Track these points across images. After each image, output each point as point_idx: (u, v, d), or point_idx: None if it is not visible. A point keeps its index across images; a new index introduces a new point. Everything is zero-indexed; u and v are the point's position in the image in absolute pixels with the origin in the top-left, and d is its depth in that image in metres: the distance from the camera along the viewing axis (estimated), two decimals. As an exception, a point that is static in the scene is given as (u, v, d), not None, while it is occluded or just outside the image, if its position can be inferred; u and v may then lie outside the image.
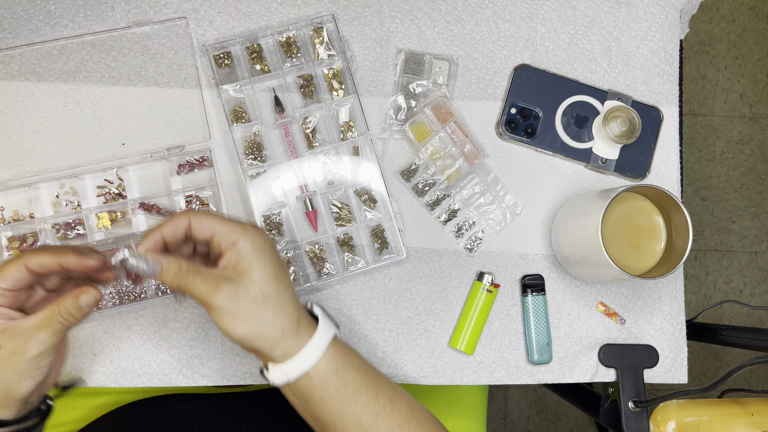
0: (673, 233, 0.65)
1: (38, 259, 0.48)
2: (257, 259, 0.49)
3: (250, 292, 0.49)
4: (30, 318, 0.49)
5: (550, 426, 1.53)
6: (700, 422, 0.68)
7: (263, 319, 0.49)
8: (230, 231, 0.50)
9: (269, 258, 0.50)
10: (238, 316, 0.48)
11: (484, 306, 0.68)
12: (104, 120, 0.67)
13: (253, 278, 0.49)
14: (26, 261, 0.48)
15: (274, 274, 0.50)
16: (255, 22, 0.69)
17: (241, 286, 0.49)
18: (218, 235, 0.50)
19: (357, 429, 0.52)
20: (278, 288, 0.50)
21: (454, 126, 0.69)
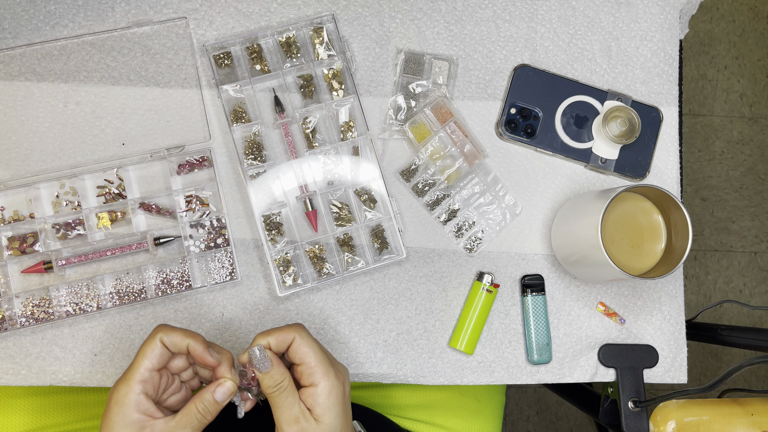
0: (672, 233, 0.65)
1: (172, 336, 0.52)
2: (330, 411, 0.52)
3: (321, 427, 0.51)
4: (170, 419, 0.51)
5: (550, 426, 1.53)
6: (700, 422, 0.68)
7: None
8: (316, 369, 0.52)
9: (341, 412, 0.53)
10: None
11: (484, 306, 0.68)
12: (104, 120, 0.67)
13: (323, 421, 0.52)
14: (162, 335, 0.52)
15: (344, 410, 0.53)
16: (255, 22, 0.69)
17: (312, 423, 0.51)
18: (306, 366, 0.52)
19: None
20: (344, 422, 0.53)
21: (453, 126, 0.69)
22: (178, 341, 0.52)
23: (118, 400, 0.50)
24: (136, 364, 0.51)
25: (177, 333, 0.52)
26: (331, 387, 0.52)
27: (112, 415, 0.50)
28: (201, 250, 0.66)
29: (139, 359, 0.51)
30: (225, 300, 0.67)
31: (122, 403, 0.50)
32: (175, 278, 0.65)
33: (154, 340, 0.52)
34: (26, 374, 0.64)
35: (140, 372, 0.51)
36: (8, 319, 0.63)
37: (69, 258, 0.64)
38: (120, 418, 0.49)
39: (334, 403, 0.52)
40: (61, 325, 0.65)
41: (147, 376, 0.51)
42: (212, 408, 0.52)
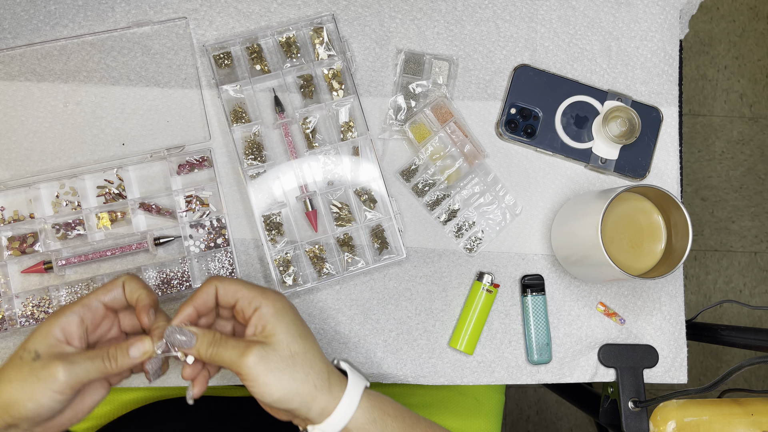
0: (672, 233, 0.65)
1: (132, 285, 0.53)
2: (281, 320, 0.51)
3: (278, 351, 0.50)
4: (81, 351, 0.50)
5: (550, 426, 1.53)
6: (700, 422, 0.68)
7: (295, 377, 0.50)
8: (252, 296, 0.52)
9: (292, 319, 0.52)
10: (270, 377, 0.49)
11: (484, 306, 0.68)
12: (104, 120, 0.67)
13: (280, 339, 0.50)
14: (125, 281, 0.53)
15: (298, 332, 0.52)
16: (255, 22, 0.69)
17: (269, 347, 0.50)
18: (241, 301, 0.52)
19: None
20: (305, 345, 0.51)
21: (453, 126, 0.69)
22: (134, 288, 0.52)
23: (56, 312, 0.51)
24: (89, 294, 0.52)
25: (137, 282, 0.53)
26: (273, 303, 0.51)
27: (44, 322, 0.50)
28: (201, 250, 0.66)
29: (94, 292, 0.52)
30: (225, 300, 0.67)
31: (56, 315, 0.50)
32: (175, 278, 0.65)
33: (116, 282, 0.53)
34: (26, 374, 0.64)
35: (90, 298, 0.51)
36: (8, 319, 0.63)
37: (69, 258, 0.64)
38: (45, 327, 0.50)
39: (282, 318, 0.51)
40: (61, 325, 0.65)
41: (95, 305, 0.51)
42: (121, 358, 0.50)
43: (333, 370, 0.53)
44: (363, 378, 0.55)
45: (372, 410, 0.53)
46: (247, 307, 0.52)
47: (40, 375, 0.48)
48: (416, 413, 0.56)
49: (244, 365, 0.49)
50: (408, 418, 0.55)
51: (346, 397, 0.51)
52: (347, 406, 0.51)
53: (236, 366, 0.50)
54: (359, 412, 0.52)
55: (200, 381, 0.53)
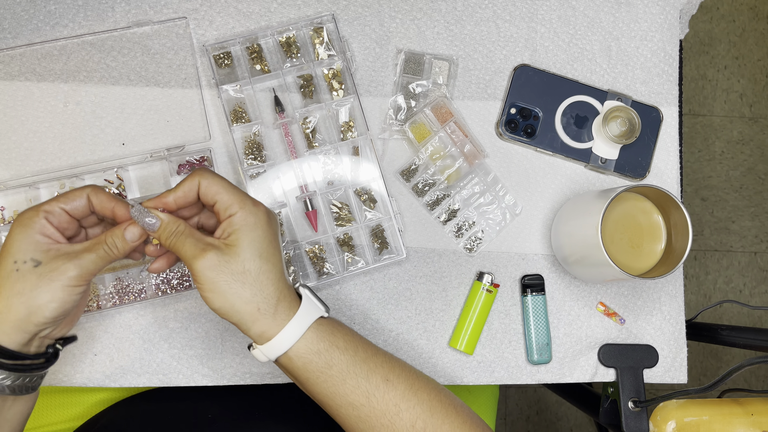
0: (672, 233, 0.65)
1: (101, 195, 0.51)
2: (247, 234, 0.50)
3: (231, 264, 0.49)
4: (75, 244, 0.50)
5: (550, 426, 1.53)
6: (700, 422, 0.68)
7: (239, 295, 0.49)
8: (231, 201, 0.50)
9: (260, 236, 0.50)
10: (216, 286, 0.49)
11: (484, 306, 0.68)
12: (104, 120, 0.67)
13: (239, 252, 0.49)
14: (90, 192, 0.51)
15: (260, 252, 0.50)
16: (255, 22, 0.69)
17: (225, 257, 0.49)
18: (219, 204, 0.51)
19: (349, 409, 0.52)
20: (261, 266, 0.50)
21: (453, 126, 0.69)
22: (104, 201, 0.51)
23: (21, 222, 0.49)
24: (50, 200, 0.50)
25: (105, 195, 0.52)
26: (246, 215, 0.50)
27: (15, 234, 0.49)
28: (201, 250, 0.66)
29: (55, 198, 0.51)
30: (225, 300, 0.67)
31: (26, 225, 0.49)
32: (175, 278, 0.65)
33: (79, 193, 0.51)
34: (26, 374, 0.64)
35: (50, 204, 0.50)
36: (8, 319, 0.63)
37: (69, 258, 0.64)
38: (23, 237, 0.49)
39: (249, 232, 0.50)
40: (61, 325, 0.65)
41: (57, 211, 0.50)
42: (120, 244, 0.51)
43: (286, 297, 0.51)
44: (321, 308, 0.53)
45: (318, 341, 0.51)
46: (222, 211, 0.51)
47: (52, 277, 0.48)
48: (376, 347, 0.55)
49: (195, 266, 0.49)
50: (361, 351, 0.53)
51: (290, 326, 0.51)
52: (289, 335, 0.51)
53: (188, 264, 0.50)
54: (302, 342, 0.51)
55: (163, 259, 0.54)
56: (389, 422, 0.52)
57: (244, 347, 0.66)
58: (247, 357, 0.66)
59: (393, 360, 0.55)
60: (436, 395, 0.54)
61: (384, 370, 0.53)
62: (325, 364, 0.51)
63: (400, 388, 0.53)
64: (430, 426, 0.52)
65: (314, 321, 0.52)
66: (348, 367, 0.52)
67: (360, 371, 0.52)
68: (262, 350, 0.51)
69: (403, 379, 0.53)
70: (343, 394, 0.52)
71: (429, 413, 0.52)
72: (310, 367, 0.51)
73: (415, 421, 0.52)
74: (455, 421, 0.53)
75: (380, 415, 0.52)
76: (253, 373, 0.66)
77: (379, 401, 0.52)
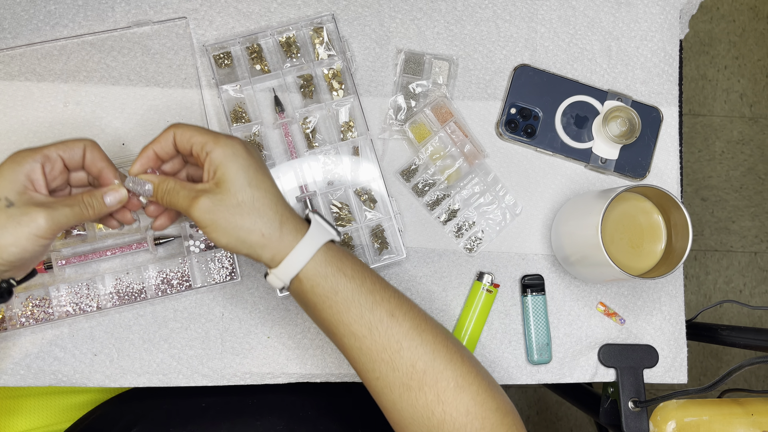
0: (672, 233, 0.65)
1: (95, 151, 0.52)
2: (230, 167, 0.50)
3: (225, 201, 0.50)
4: (51, 197, 0.51)
5: (550, 426, 1.53)
6: (700, 422, 0.68)
7: (240, 226, 0.50)
8: (205, 140, 0.51)
9: (243, 165, 0.51)
10: (218, 225, 0.50)
11: (484, 306, 0.68)
12: (104, 120, 0.67)
13: (228, 187, 0.50)
14: (87, 146, 0.52)
15: (248, 181, 0.51)
16: (255, 22, 0.69)
17: (217, 196, 0.50)
18: (195, 146, 0.51)
19: (352, 339, 0.52)
20: (254, 194, 0.51)
21: (453, 126, 0.69)
22: (96, 160, 0.53)
23: (15, 158, 0.49)
24: (50, 145, 0.51)
25: (99, 153, 0.53)
26: (223, 148, 0.51)
27: (3, 167, 0.49)
28: (201, 249, 0.66)
29: (54, 144, 0.51)
30: (225, 300, 0.67)
31: (17, 162, 0.49)
32: (175, 278, 0.65)
33: (78, 143, 0.52)
34: (25, 374, 0.64)
35: (50, 149, 0.51)
36: (8, 319, 0.63)
37: (69, 258, 0.64)
38: (9, 173, 0.49)
39: (231, 164, 0.50)
40: (61, 325, 0.65)
41: (54, 157, 0.51)
42: (97, 205, 0.52)
43: (289, 219, 0.52)
44: (331, 233, 0.53)
45: (326, 265, 0.52)
46: (200, 152, 0.51)
47: (21, 221, 0.48)
48: (386, 282, 0.55)
49: (192, 213, 0.50)
50: (369, 282, 0.53)
51: (299, 247, 0.51)
52: (298, 255, 0.51)
53: (187, 213, 0.51)
54: (311, 264, 0.51)
55: (164, 216, 0.56)
56: (389, 358, 0.51)
57: (244, 347, 0.66)
58: (247, 357, 0.66)
59: (402, 298, 0.54)
60: (442, 340, 0.53)
61: (390, 305, 0.53)
62: (331, 289, 0.52)
63: (405, 325, 0.52)
64: (431, 369, 0.51)
65: (324, 244, 0.52)
66: (353, 295, 0.52)
67: (365, 302, 0.52)
68: (276, 273, 0.52)
69: (409, 317, 0.53)
70: (347, 322, 0.52)
71: (431, 356, 0.52)
72: (318, 290, 0.52)
73: (415, 361, 0.51)
74: (459, 369, 0.52)
75: (381, 349, 0.52)
76: (253, 373, 0.66)
77: (381, 335, 0.52)
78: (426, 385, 0.51)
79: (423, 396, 0.51)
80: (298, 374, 0.67)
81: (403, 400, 0.51)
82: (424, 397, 0.51)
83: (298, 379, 0.67)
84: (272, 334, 0.67)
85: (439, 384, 0.51)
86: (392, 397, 0.52)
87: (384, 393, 0.52)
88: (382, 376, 0.52)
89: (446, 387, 0.51)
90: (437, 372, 0.51)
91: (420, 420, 0.51)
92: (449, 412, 0.51)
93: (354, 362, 0.53)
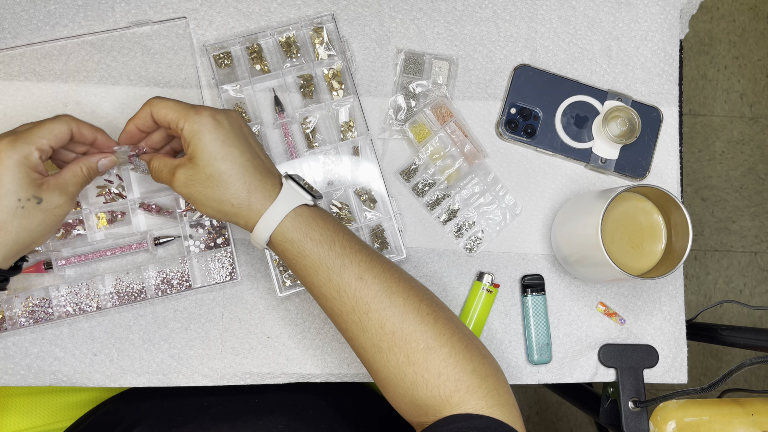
0: (672, 233, 0.65)
1: (82, 128, 0.56)
2: (197, 143, 0.53)
3: (196, 175, 0.53)
4: (60, 175, 0.55)
5: (550, 426, 1.53)
6: (700, 422, 0.68)
7: (213, 197, 0.54)
8: (177, 117, 0.54)
9: (209, 140, 0.53)
10: (194, 198, 0.54)
11: (484, 306, 0.68)
12: (104, 120, 0.67)
13: (197, 162, 0.53)
14: (72, 124, 0.55)
15: (214, 155, 0.53)
16: (255, 22, 0.69)
17: (190, 170, 0.54)
18: (171, 122, 0.54)
19: (323, 300, 0.55)
20: (220, 167, 0.53)
21: (453, 126, 0.69)
22: (86, 133, 0.56)
23: (17, 160, 0.52)
24: (37, 133, 0.53)
25: (85, 126, 0.56)
26: (191, 124, 0.53)
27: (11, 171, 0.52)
28: (201, 250, 0.66)
29: (41, 131, 0.53)
30: (225, 300, 0.67)
31: (22, 163, 0.52)
32: (175, 278, 0.65)
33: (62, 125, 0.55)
34: (25, 374, 0.64)
35: (41, 142, 0.53)
36: (8, 319, 0.63)
37: (69, 258, 0.64)
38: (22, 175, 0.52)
39: (200, 138, 0.53)
40: (61, 325, 0.65)
41: (47, 149, 0.54)
42: (93, 175, 0.58)
43: (259, 189, 0.54)
44: (306, 197, 0.55)
45: (293, 231, 0.53)
46: (176, 128, 0.54)
47: (55, 213, 0.54)
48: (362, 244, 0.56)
49: (174, 187, 0.55)
50: (338, 246, 0.54)
51: (266, 215, 0.53)
52: (267, 222, 0.53)
53: (170, 187, 0.55)
54: (279, 230, 0.54)
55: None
56: (358, 319, 0.53)
57: (244, 347, 0.66)
58: (247, 357, 0.66)
59: (374, 260, 0.55)
60: (414, 302, 0.53)
61: (360, 268, 0.54)
62: (298, 253, 0.54)
63: (374, 288, 0.53)
64: (399, 330, 0.52)
65: (293, 209, 0.54)
66: (320, 259, 0.53)
67: (332, 265, 0.53)
68: (252, 237, 0.55)
69: (379, 280, 0.54)
70: (317, 284, 0.54)
71: (400, 317, 0.52)
72: (287, 254, 0.54)
73: (384, 322, 0.52)
74: (430, 331, 0.52)
75: (350, 311, 0.53)
76: (253, 373, 0.66)
77: (350, 297, 0.53)
78: (396, 347, 0.52)
79: (394, 357, 0.52)
80: (298, 374, 0.67)
81: (376, 360, 0.53)
82: (395, 358, 0.52)
83: (298, 379, 0.67)
84: (272, 334, 0.67)
85: (409, 345, 0.52)
86: (367, 357, 0.54)
87: (359, 353, 0.55)
88: (354, 337, 0.54)
89: (416, 348, 0.52)
90: (406, 333, 0.52)
91: (395, 380, 0.52)
92: (420, 373, 0.51)
93: (333, 322, 0.56)
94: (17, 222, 0.52)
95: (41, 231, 0.54)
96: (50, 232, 0.55)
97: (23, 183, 0.52)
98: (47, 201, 0.53)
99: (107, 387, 0.67)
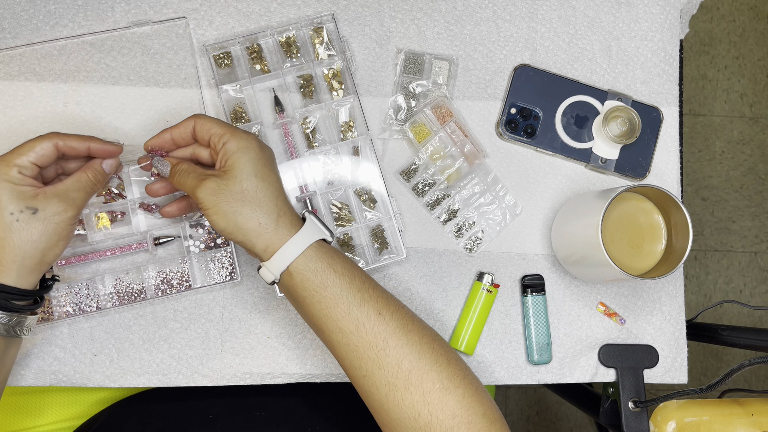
0: (673, 233, 0.65)
1: (70, 141, 0.56)
2: (240, 157, 0.54)
3: (230, 187, 0.53)
4: (61, 183, 0.55)
5: (550, 426, 1.53)
6: (700, 422, 0.68)
7: (240, 212, 0.53)
8: (223, 131, 0.55)
9: (253, 158, 0.54)
10: (219, 208, 0.53)
11: (484, 306, 0.68)
12: (104, 120, 0.67)
13: (235, 175, 0.54)
14: (58, 140, 0.55)
15: (255, 172, 0.54)
16: (255, 22, 0.69)
17: (223, 181, 0.54)
18: (213, 137, 0.56)
19: (339, 335, 0.53)
20: (258, 185, 0.54)
21: (454, 126, 0.69)
22: (76, 145, 0.56)
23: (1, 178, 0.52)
24: (18, 152, 0.53)
25: (74, 138, 0.56)
26: (238, 141, 0.54)
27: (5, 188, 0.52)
28: (201, 250, 0.66)
29: (22, 149, 0.54)
30: (225, 300, 0.67)
31: (5, 180, 0.52)
32: (175, 278, 0.65)
33: (49, 141, 0.55)
34: (25, 374, 0.64)
35: (21, 159, 0.53)
36: (8, 319, 0.63)
37: (69, 258, 0.64)
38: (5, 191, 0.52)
39: (242, 155, 0.54)
40: (61, 325, 0.65)
41: (27, 164, 0.54)
42: (101, 177, 0.58)
43: (287, 214, 0.55)
44: (325, 233, 0.56)
45: (317, 260, 0.53)
46: (217, 142, 0.55)
47: (56, 220, 0.54)
48: (376, 282, 0.56)
49: (197, 193, 0.54)
50: (358, 281, 0.54)
51: (292, 240, 0.53)
52: (290, 248, 0.53)
53: (192, 194, 0.54)
54: (302, 258, 0.53)
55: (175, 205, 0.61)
56: (375, 355, 0.52)
57: (244, 347, 0.66)
58: (247, 357, 0.66)
59: (390, 298, 0.55)
60: (428, 341, 0.54)
61: (378, 303, 0.54)
62: (320, 283, 0.53)
63: (392, 324, 0.53)
64: (416, 369, 0.52)
65: (315, 241, 0.54)
66: (341, 291, 0.53)
67: (353, 299, 0.53)
68: (268, 266, 0.54)
69: (396, 317, 0.54)
70: (335, 318, 0.53)
71: (417, 356, 0.52)
72: (307, 284, 0.53)
73: (401, 360, 0.52)
74: (445, 371, 0.52)
75: (367, 346, 0.52)
76: (253, 374, 0.66)
77: (368, 332, 0.52)
78: (411, 385, 0.51)
79: (409, 396, 0.51)
80: (298, 374, 0.67)
81: (389, 400, 0.52)
82: (410, 398, 0.51)
83: (298, 379, 0.67)
84: (272, 334, 0.67)
85: (425, 384, 0.51)
86: (379, 396, 0.52)
87: (371, 392, 0.53)
88: (368, 374, 0.53)
89: (431, 388, 0.51)
90: (422, 372, 0.52)
91: (407, 421, 0.51)
92: (435, 413, 0.51)
93: (342, 359, 0.54)
94: (16, 235, 0.52)
95: (46, 241, 0.53)
96: (59, 241, 0.54)
97: (11, 197, 0.52)
98: (43, 210, 0.53)
99: (107, 387, 0.67)
